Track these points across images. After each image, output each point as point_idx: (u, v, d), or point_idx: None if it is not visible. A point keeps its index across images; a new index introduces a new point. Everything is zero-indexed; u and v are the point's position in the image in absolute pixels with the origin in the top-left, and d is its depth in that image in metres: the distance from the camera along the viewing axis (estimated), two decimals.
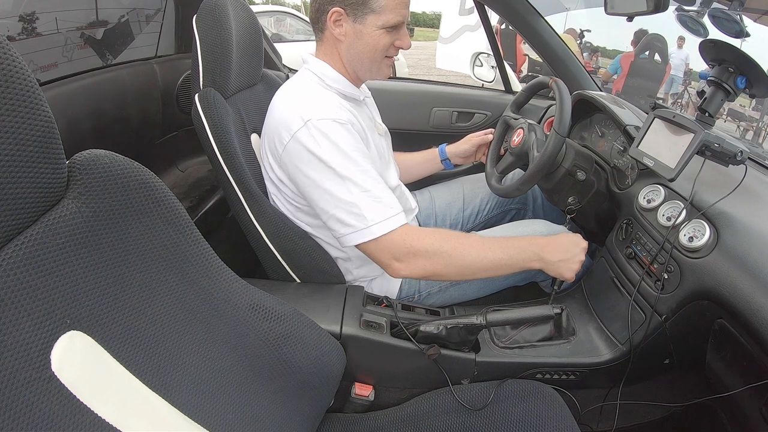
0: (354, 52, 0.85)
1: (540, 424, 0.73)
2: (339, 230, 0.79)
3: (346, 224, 0.77)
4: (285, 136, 0.78)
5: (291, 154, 0.78)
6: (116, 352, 0.46)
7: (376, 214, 0.77)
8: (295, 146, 0.77)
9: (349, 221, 0.77)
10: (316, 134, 0.76)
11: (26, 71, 0.39)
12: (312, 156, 0.76)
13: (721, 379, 0.78)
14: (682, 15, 1.16)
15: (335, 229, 0.80)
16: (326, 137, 0.76)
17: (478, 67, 1.99)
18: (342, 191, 0.76)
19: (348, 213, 0.77)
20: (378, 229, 0.77)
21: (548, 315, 0.76)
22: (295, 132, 0.76)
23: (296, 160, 0.78)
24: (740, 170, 0.84)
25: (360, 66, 0.88)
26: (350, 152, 0.77)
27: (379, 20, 0.82)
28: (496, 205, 1.29)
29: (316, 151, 0.76)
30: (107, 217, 0.47)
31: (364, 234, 0.77)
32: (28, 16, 0.97)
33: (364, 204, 0.76)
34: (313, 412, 0.70)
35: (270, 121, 0.84)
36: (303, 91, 0.85)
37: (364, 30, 0.83)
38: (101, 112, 1.07)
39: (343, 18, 0.82)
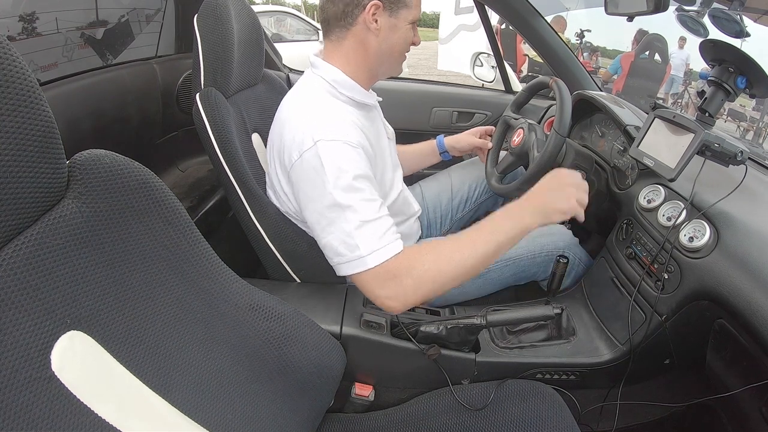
0: (386, 46, 0.83)
1: (540, 424, 0.73)
2: (332, 258, 0.77)
3: (339, 253, 0.74)
4: (294, 153, 0.76)
5: (297, 172, 0.76)
6: (116, 352, 0.46)
7: (371, 244, 0.73)
8: (301, 166, 0.75)
9: (342, 251, 0.74)
10: (324, 156, 0.73)
11: (26, 71, 0.39)
12: (316, 179, 0.73)
13: (721, 379, 0.78)
14: (682, 15, 1.16)
15: (329, 256, 0.77)
16: (333, 161, 0.73)
17: (478, 67, 1.99)
18: (340, 220, 0.73)
19: (342, 242, 0.73)
20: (371, 260, 0.72)
21: (548, 315, 0.76)
22: (304, 152, 0.74)
23: (301, 179, 0.76)
24: (740, 170, 0.84)
25: (388, 61, 0.86)
26: (355, 179, 0.74)
27: (410, 15, 0.82)
28: (485, 190, 1.30)
29: (320, 174, 0.73)
30: (107, 217, 0.47)
31: (356, 265, 0.73)
32: (28, 16, 0.97)
33: (360, 235, 0.73)
34: (313, 412, 0.70)
35: (280, 132, 0.81)
36: (315, 105, 0.81)
37: (398, 24, 0.82)
38: (101, 112, 1.07)
39: (379, 12, 0.79)
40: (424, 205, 1.26)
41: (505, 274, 1.03)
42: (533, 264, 1.03)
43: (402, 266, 0.73)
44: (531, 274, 1.06)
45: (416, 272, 0.73)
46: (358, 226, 0.72)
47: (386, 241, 0.74)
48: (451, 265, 0.74)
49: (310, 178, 0.74)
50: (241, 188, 0.85)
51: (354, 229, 0.72)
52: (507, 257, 1.02)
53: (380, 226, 0.74)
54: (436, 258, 0.74)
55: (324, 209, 0.74)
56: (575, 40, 5.12)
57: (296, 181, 0.77)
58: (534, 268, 1.04)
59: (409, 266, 0.73)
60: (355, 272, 0.74)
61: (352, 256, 0.73)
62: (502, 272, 1.03)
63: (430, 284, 0.73)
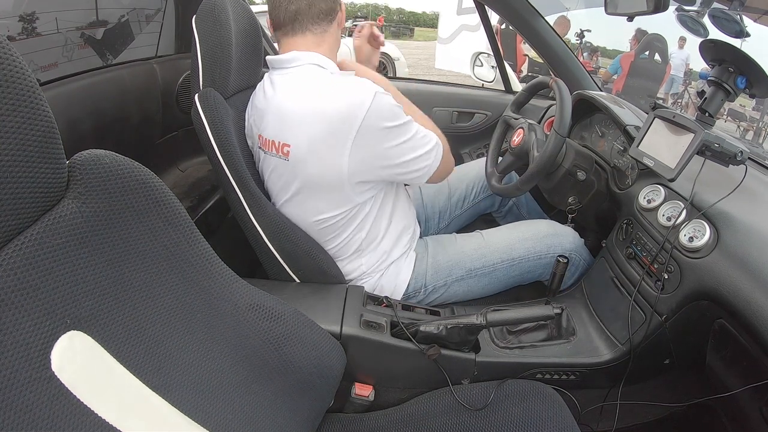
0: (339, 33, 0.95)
1: (540, 424, 0.73)
2: (426, 162, 0.89)
3: (430, 150, 0.89)
4: (357, 118, 0.79)
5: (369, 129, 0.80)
6: (116, 352, 0.46)
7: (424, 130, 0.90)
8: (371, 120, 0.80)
9: (430, 147, 0.89)
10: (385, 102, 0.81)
11: (26, 71, 0.39)
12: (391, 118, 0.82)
13: (721, 379, 0.78)
14: (682, 15, 1.16)
15: (424, 165, 0.89)
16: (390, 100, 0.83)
17: (478, 67, 1.99)
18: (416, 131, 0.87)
19: (427, 143, 0.88)
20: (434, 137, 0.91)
21: (548, 315, 0.76)
22: (369, 107, 0.79)
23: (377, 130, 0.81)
24: (740, 170, 0.84)
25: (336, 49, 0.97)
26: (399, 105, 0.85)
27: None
28: (482, 189, 1.31)
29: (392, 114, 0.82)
30: (107, 217, 0.47)
31: (439, 148, 0.91)
32: (28, 16, 0.97)
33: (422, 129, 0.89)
34: (313, 412, 0.70)
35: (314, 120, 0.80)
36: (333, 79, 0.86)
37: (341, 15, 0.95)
38: (101, 112, 1.07)
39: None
40: (421, 202, 1.26)
41: (510, 274, 1.03)
42: (539, 265, 1.04)
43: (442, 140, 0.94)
44: (537, 274, 1.06)
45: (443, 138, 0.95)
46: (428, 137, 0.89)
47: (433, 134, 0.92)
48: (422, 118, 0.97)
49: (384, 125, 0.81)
50: (240, 188, 0.85)
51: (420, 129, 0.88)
52: (513, 257, 1.02)
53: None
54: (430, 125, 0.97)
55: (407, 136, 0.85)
56: (575, 40, 5.11)
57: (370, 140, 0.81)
58: (540, 269, 1.04)
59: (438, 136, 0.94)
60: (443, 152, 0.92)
61: (434, 141, 0.90)
62: (507, 272, 1.03)
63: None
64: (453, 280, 1.01)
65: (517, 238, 1.04)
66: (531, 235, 1.04)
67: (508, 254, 1.02)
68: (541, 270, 1.04)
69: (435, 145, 0.91)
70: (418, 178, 0.92)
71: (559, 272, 0.93)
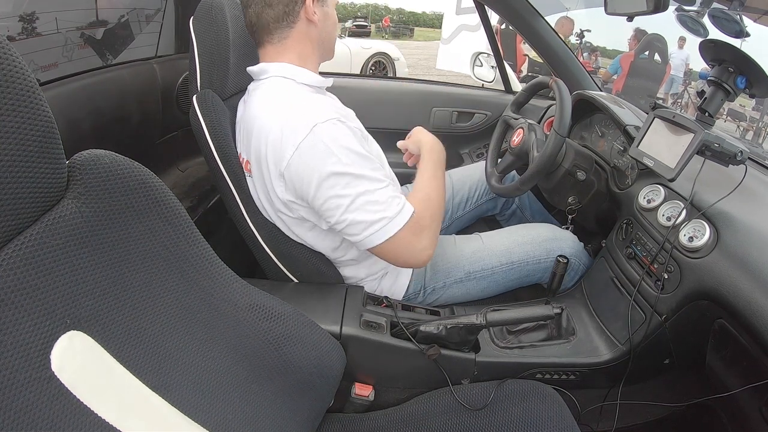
0: (325, 34, 0.87)
1: (540, 424, 0.73)
2: (361, 233, 0.76)
3: (370, 224, 0.75)
4: (288, 149, 0.73)
5: (296, 166, 0.74)
6: (116, 352, 0.46)
7: (396, 203, 0.77)
8: (301, 157, 0.73)
9: (373, 219, 0.75)
10: (325, 136, 0.73)
11: (26, 71, 0.39)
12: (324, 161, 0.73)
13: (721, 379, 0.78)
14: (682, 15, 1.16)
15: (355, 233, 0.77)
16: (335, 138, 0.74)
17: (478, 67, 1.99)
18: (361, 192, 0.74)
19: (370, 212, 0.75)
20: (401, 220, 0.76)
21: (548, 315, 0.76)
22: (301, 141, 0.72)
23: (304, 171, 0.74)
24: (740, 170, 0.84)
25: (327, 48, 0.90)
26: (358, 149, 0.76)
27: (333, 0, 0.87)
28: (485, 192, 1.31)
29: (327, 156, 0.73)
30: (107, 217, 0.47)
31: (391, 227, 0.76)
32: (28, 16, 0.97)
33: (384, 198, 0.76)
34: (313, 412, 0.70)
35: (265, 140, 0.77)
36: (290, 99, 0.80)
37: (329, 11, 0.86)
38: (101, 112, 1.07)
39: (315, 3, 0.82)
40: None
41: (509, 277, 1.03)
42: (538, 269, 1.03)
43: (421, 215, 0.80)
44: (536, 278, 1.06)
45: (427, 216, 0.82)
46: (380, 191, 0.76)
47: (403, 199, 0.79)
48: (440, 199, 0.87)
49: (315, 165, 0.73)
50: (237, 190, 0.85)
51: (378, 196, 0.75)
52: (512, 261, 1.02)
53: (393, 187, 0.79)
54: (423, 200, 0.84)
55: (341, 191, 0.74)
56: (575, 40, 5.11)
57: (296, 174, 0.74)
58: (539, 273, 1.04)
59: (424, 213, 0.81)
60: (390, 236, 0.76)
61: (385, 221, 0.76)
62: (506, 275, 1.02)
63: (440, 220, 0.86)
64: (452, 282, 1.01)
65: (516, 242, 1.04)
66: (530, 239, 1.04)
67: (506, 257, 1.02)
68: (540, 274, 1.04)
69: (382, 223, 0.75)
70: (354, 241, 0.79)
71: (559, 272, 0.93)
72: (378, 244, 0.77)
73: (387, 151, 0.99)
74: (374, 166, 0.77)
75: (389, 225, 0.75)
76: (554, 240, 1.05)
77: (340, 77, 1.90)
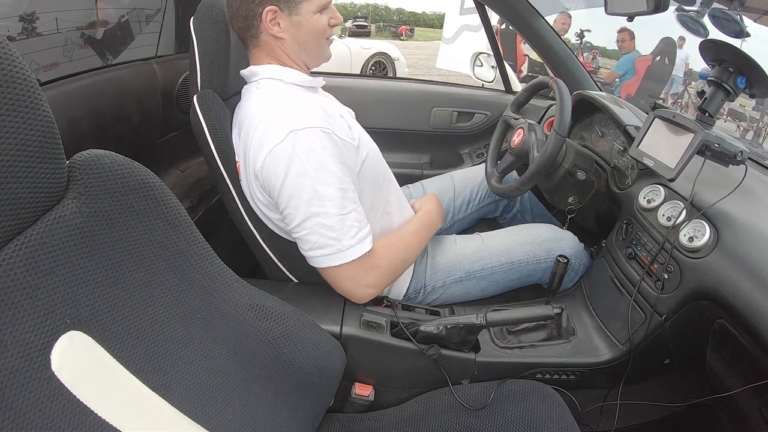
0: (298, 44, 0.83)
1: (540, 424, 0.73)
2: (310, 251, 0.77)
3: (320, 246, 0.75)
4: (263, 152, 0.73)
5: (269, 170, 0.74)
6: (116, 352, 0.46)
7: (353, 235, 0.76)
8: (273, 161, 0.73)
9: (323, 243, 0.75)
10: (299, 146, 0.72)
11: (26, 71, 0.39)
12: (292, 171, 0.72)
13: (721, 379, 0.78)
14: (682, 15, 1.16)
15: (305, 248, 0.78)
16: (309, 150, 0.72)
17: (478, 67, 1.99)
18: (320, 212, 0.74)
19: (323, 235, 0.75)
20: (350, 254, 0.76)
21: (548, 315, 0.76)
22: (275, 146, 0.72)
23: (274, 175, 0.73)
24: (740, 170, 0.84)
25: (307, 55, 0.86)
26: (331, 165, 0.74)
27: (313, 5, 0.81)
28: (486, 195, 1.31)
29: (296, 166, 0.72)
30: (107, 218, 0.47)
31: (340, 257, 0.76)
32: (28, 16, 0.97)
33: (342, 227, 0.75)
34: (313, 412, 0.70)
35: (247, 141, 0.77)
36: (275, 100, 0.79)
37: (301, 20, 0.81)
38: (101, 112, 1.07)
39: (278, 15, 0.79)
40: None
41: (509, 277, 1.03)
42: (538, 269, 1.03)
43: (381, 255, 0.81)
44: (536, 278, 1.06)
45: (391, 260, 0.83)
46: (339, 218, 0.74)
47: (365, 232, 0.78)
48: (409, 253, 0.89)
49: (282, 171, 0.72)
50: (236, 190, 0.85)
51: (336, 222, 0.74)
52: (512, 261, 1.02)
53: (358, 216, 0.77)
54: (398, 249, 0.86)
55: (303, 202, 0.73)
56: (575, 40, 5.11)
57: (267, 177, 0.74)
58: (539, 273, 1.04)
59: (385, 255, 0.82)
60: (336, 264, 0.76)
61: (335, 248, 0.75)
62: (506, 275, 1.02)
63: (399, 270, 0.88)
64: (451, 281, 1.00)
65: (516, 242, 1.04)
66: (530, 239, 1.04)
67: (506, 257, 1.02)
68: (541, 274, 1.04)
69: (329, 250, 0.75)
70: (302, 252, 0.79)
71: (559, 272, 0.93)
72: (321, 268, 0.79)
73: (386, 151, 0.99)
74: (344, 187, 0.75)
75: (336, 255, 0.76)
76: (554, 240, 1.05)
77: (340, 77, 1.90)
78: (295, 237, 0.79)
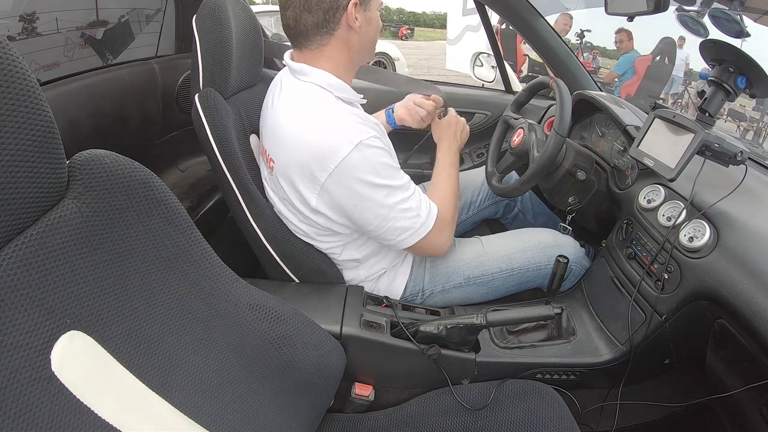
0: (366, 39, 0.84)
1: (540, 424, 0.73)
2: (396, 238, 0.85)
3: (405, 229, 0.84)
4: (330, 163, 0.76)
5: (337, 181, 0.77)
6: (116, 352, 0.46)
7: (424, 207, 0.86)
8: (345, 171, 0.76)
9: (408, 225, 0.84)
10: (369, 155, 0.77)
11: (26, 71, 0.39)
12: (368, 176, 0.78)
13: (721, 379, 0.78)
14: (682, 15, 1.16)
15: (391, 238, 0.85)
16: (377, 156, 0.78)
17: (479, 67, 1.99)
18: (398, 203, 0.82)
19: (406, 219, 0.84)
20: (431, 219, 0.87)
21: (548, 315, 0.76)
22: (346, 156, 0.75)
23: (346, 185, 0.78)
24: (740, 170, 0.84)
25: (367, 53, 0.88)
26: (392, 162, 0.82)
27: (377, 2, 0.84)
28: (488, 196, 1.31)
29: (371, 171, 0.78)
30: (107, 217, 0.47)
31: (423, 229, 0.86)
32: (28, 16, 0.97)
33: (416, 204, 0.85)
34: (314, 412, 0.70)
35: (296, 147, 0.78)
36: (329, 112, 0.80)
37: (372, 16, 0.83)
38: (101, 112, 1.07)
39: (357, 8, 0.79)
40: None
41: (509, 283, 1.02)
42: (539, 275, 1.03)
43: (442, 213, 0.90)
44: (536, 283, 1.05)
45: (448, 212, 0.92)
46: (412, 198, 0.84)
47: (429, 203, 0.88)
48: (453, 196, 0.96)
49: (357, 180, 0.77)
50: (240, 190, 0.85)
51: (412, 203, 0.84)
52: (513, 267, 1.01)
53: (421, 193, 0.88)
54: (444, 197, 0.94)
55: (382, 201, 0.80)
56: (575, 40, 5.11)
57: (338, 189, 0.78)
58: (540, 279, 1.04)
59: (444, 210, 0.91)
60: (423, 236, 0.86)
61: (418, 224, 0.85)
62: (506, 281, 1.02)
63: (454, 218, 0.95)
64: (451, 287, 1.00)
65: (518, 248, 1.03)
66: (532, 245, 1.03)
67: (507, 264, 1.01)
68: (541, 279, 1.03)
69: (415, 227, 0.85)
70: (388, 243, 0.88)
71: (559, 272, 0.93)
72: (411, 245, 0.87)
73: None
74: (403, 175, 0.85)
75: (421, 228, 0.86)
76: (556, 246, 1.04)
77: None
78: (378, 234, 0.86)
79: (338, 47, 0.82)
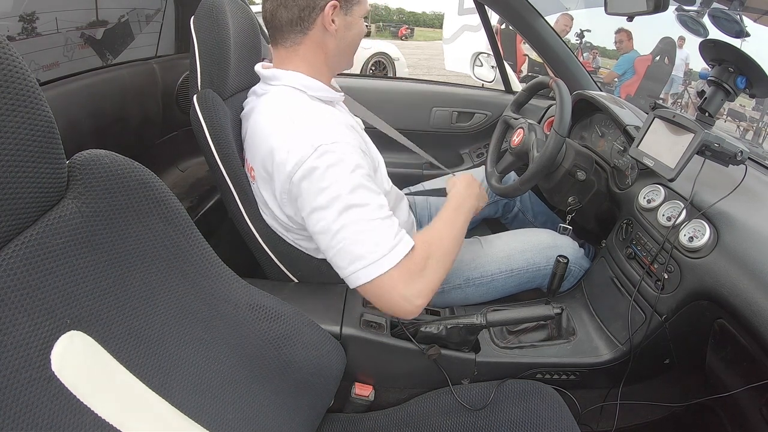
0: (344, 44, 0.82)
1: (540, 424, 0.73)
2: (348, 267, 0.71)
3: (358, 257, 0.69)
4: (292, 166, 0.71)
5: (298, 184, 0.71)
6: (116, 352, 0.46)
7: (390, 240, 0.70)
8: (304, 176, 0.70)
9: (362, 253, 0.69)
10: (329, 160, 0.69)
11: (26, 71, 0.39)
12: (323, 184, 0.69)
13: (721, 379, 0.78)
14: (682, 15, 1.16)
15: (342, 266, 0.71)
16: (338, 162, 0.70)
17: (478, 67, 1.99)
18: (354, 222, 0.69)
19: (360, 244, 0.69)
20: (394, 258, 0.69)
21: (548, 315, 0.76)
22: (305, 161, 0.69)
23: (306, 189, 0.71)
24: (740, 170, 0.84)
25: (345, 59, 0.86)
26: (362, 177, 0.71)
27: (362, 9, 0.82)
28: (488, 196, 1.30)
29: (327, 179, 0.69)
30: (107, 217, 0.47)
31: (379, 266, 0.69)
32: (28, 16, 0.97)
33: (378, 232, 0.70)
34: (313, 412, 0.70)
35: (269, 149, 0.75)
36: (299, 113, 0.77)
37: (353, 21, 0.81)
38: (101, 112, 1.07)
39: (336, 11, 0.78)
40: (427, 203, 1.26)
41: (509, 284, 1.02)
42: (538, 276, 1.03)
43: (419, 254, 0.72)
44: (536, 284, 1.05)
45: (432, 259, 0.74)
46: (375, 224, 0.70)
47: (401, 235, 0.72)
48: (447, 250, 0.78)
49: (316, 186, 0.70)
50: (237, 190, 0.85)
51: (371, 228, 0.69)
52: (512, 268, 1.01)
53: (393, 221, 0.73)
54: (432, 239, 0.77)
55: (335, 214, 0.69)
56: (575, 40, 5.11)
57: (299, 193, 0.72)
58: (539, 279, 1.04)
59: (423, 252, 0.74)
60: (379, 274, 0.69)
61: (376, 255, 0.68)
62: (505, 282, 1.02)
63: (443, 270, 0.76)
64: (450, 288, 1.00)
65: (517, 249, 1.03)
66: (531, 246, 1.03)
67: (506, 265, 1.01)
68: (540, 280, 1.04)
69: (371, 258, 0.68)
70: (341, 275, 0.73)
71: (559, 272, 0.93)
72: (363, 284, 0.70)
73: (386, 151, 0.99)
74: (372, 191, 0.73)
75: (379, 262, 0.69)
76: (555, 247, 1.04)
77: (339, 77, 1.90)
78: (329, 256, 0.73)
79: (312, 49, 0.80)
